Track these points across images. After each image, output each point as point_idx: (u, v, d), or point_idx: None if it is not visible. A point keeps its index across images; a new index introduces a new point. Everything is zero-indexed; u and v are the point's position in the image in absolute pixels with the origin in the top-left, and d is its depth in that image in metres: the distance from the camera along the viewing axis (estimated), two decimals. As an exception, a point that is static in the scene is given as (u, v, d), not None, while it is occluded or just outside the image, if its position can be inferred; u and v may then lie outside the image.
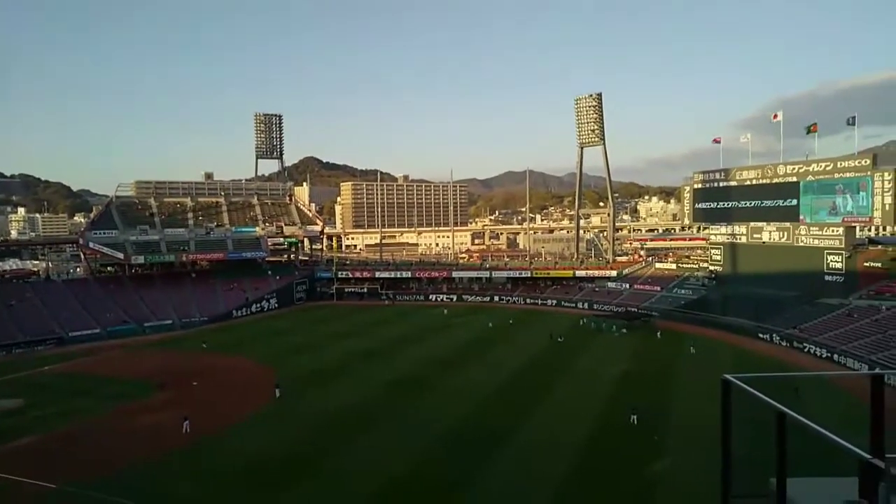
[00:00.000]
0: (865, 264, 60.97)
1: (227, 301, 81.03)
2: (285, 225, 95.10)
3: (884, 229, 74.61)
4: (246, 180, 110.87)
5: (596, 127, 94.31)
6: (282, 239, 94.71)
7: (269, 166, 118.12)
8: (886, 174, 55.23)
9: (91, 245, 79.79)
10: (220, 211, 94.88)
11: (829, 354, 50.35)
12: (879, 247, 64.78)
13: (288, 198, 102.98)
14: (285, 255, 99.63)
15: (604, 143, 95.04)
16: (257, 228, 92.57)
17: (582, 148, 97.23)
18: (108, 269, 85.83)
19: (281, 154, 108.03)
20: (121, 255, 79.76)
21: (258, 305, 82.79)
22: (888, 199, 54.86)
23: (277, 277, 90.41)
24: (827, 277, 60.98)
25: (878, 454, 3.24)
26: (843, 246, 59.78)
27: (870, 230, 70.09)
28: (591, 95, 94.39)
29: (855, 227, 61.05)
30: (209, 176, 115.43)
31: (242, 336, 65.15)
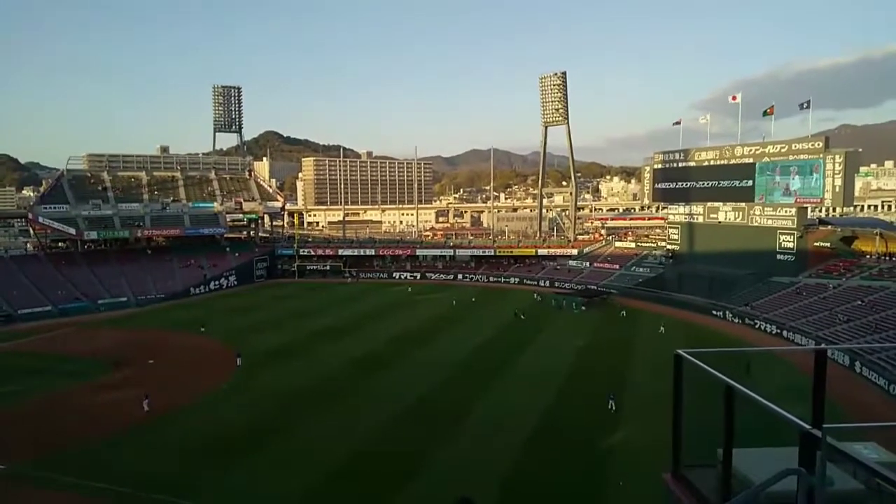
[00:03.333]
0: (815, 244, 63.11)
1: (185, 278, 79.33)
2: (245, 200, 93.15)
3: (833, 210, 77.35)
4: (203, 154, 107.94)
5: (560, 106, 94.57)
6: (241, 215, 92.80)
7: (228, 140, 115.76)
8: (837, 157, 57.00)
9: (41, 220, 76.81)
10: (176, 185, 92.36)
11: (778, 331, 52.21)
12: (829, 227, 67.11)
13: (247, 173, 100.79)
14: (245, 232, 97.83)
15: (567, 123, 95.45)
16: (215, 204, 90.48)
17: (546, 127, 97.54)
18: (60, 244, 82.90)
19: (240, 128, 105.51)
20: (72, 231, 77.09)
21: (217, 283, 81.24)
22: (838, 182, 56.66)
23: (237, 254, 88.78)
24: (779, 256, 62.94)
25: (818, 425, 3.33)
26: (795, 226, 61.67)
27: (820, 211, 72.53)
28: (555, 74, 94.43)
29: (807, 207, 63.02)
30: (165, 149, 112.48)
31: (200, 314, 63.89)
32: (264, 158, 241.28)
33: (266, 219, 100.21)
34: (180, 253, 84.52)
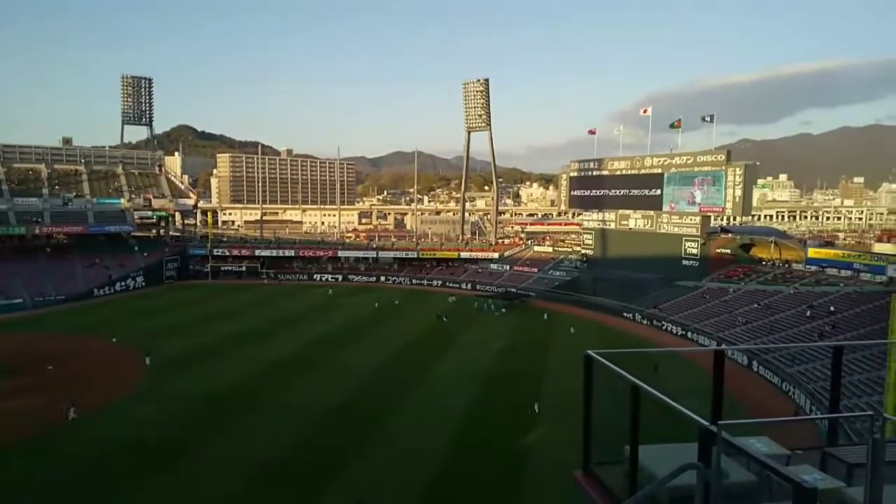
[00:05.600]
0: (717, 250, 67.17)
1: (88, 279, 74.48)
2: (154, 197, 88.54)
3: (734, 219, 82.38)
4: (110, 147, 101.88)
5: (483, 112, 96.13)
6: (150, 212, 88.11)
7: (137, 133, 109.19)
8: (738, 169, 60.86)
9: (-80, 213, 70.04)
10: (79, 180, 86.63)
11: (684, 332, 55.14)
12: (730, 235, 71.65)
13: (157, 168, 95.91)
14: (154, 230, 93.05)
15: (490, 129, 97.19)
16: (122, 200, 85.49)
17: (469, 132, 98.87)
18: (-57, 241, 75.95)
19: (150, 120, 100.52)
20: (-42, 226, 70.83)
21: (123, 284, 76.78)
22: (738, 192, 60.47)
23: (145, 254, 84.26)
24: (684, 262, 66.43)
25: (717, 421, 3.51)
26: (698, 234, 65.28)
27: (722, 220, 77.06)
28: (478, 80, 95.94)
29: (710, 216, 66.82)
30: (67, 141, 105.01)
31: (105, 316, 60.23)
32: (176, 153, 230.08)
33: (177, 217, 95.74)
34: (83, 252, 79.23)
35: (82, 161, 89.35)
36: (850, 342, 39.85)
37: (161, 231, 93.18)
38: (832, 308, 48.26)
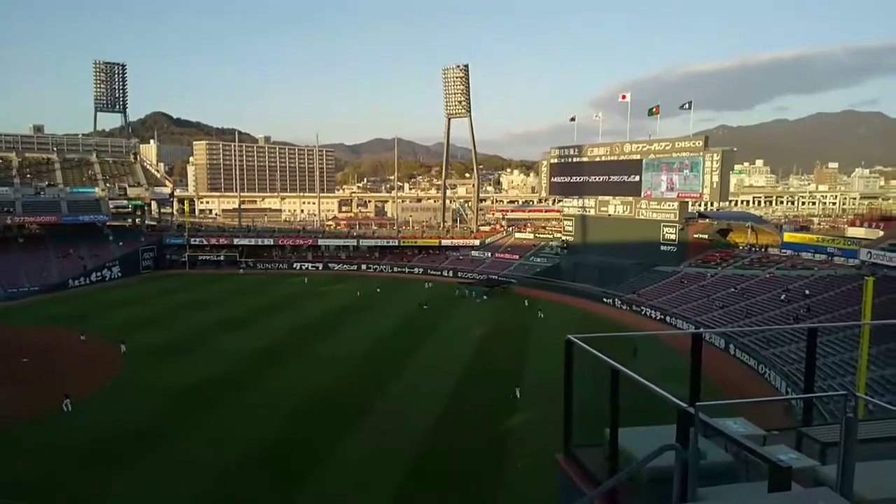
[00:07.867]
0: (695, 236, 67.94)
1: (62, 269, 73.27)
2: (129, 186, 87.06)
3: (711, 205, 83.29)
4: (83, 135, 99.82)
5: (463, 98, 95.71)
6: (125, 201, 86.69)
7: (111, 121, 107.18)
8: (715, 155, 61.44)
9: None
10: (52, 169, 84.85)
11: (662, 316, 55.81)
12: (707, 220, 72.46)
13: (132, 156, 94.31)
14: (130, 220, 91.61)
15: (470, 116, 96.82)
16: (97, 189, 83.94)
17: (449, 119, 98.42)
18: (-90, 232, 74.07)
19: (124, 108, 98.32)
20: (-74, 217, 69.06)
21: (98, 274, 75.64)
22: (716, 178, 61.08)
23: (120, 244, 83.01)
24: (663, 247, 67.11)
25: (694, 402, 3.55)
26: (676, 219, 65.95)
27: (699, 205, 77.87)
28: (458, 66, 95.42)
29: (687, 202, 67.50)
30: (39, 129, 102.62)
31: (80, 308, 59.26)
32: (151, 141, 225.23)
33: (153, 206, 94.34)
34: (57, 242, 77.89)
35: (54, 149, 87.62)
36: (824, 324, 40.70)
37: (137, 220, 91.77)
38: (807, 291, 49.11)
